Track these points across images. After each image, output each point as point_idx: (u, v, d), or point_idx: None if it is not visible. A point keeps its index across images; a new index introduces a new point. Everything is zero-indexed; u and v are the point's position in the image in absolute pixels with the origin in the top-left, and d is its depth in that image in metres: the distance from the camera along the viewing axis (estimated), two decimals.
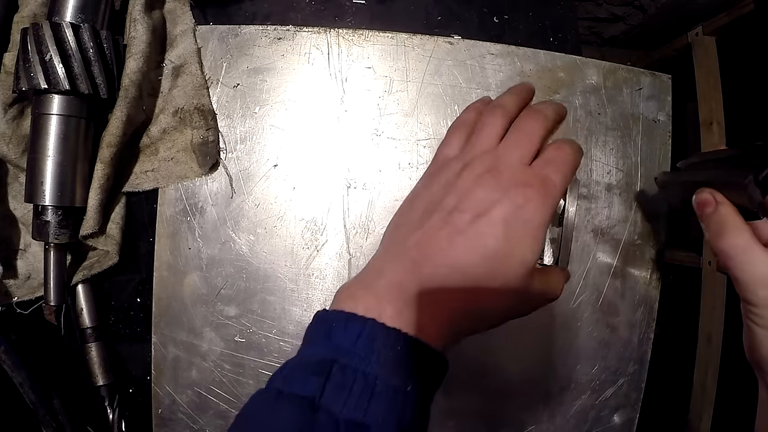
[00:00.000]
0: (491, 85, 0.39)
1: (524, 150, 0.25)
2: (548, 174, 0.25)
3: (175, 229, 0.37)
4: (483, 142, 0.26)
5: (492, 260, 0.23)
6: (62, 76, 0.31)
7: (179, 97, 0.36)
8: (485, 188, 0.24)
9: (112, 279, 0.39)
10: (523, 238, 0.23)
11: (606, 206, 0.40)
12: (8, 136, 0.34)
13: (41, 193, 0.32)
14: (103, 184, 0.34)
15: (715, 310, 0.46)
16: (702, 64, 0.48)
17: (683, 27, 0.57)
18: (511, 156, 0.25)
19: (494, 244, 0.23)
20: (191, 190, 0.37)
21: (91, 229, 0.34)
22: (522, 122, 0.27)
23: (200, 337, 0.37)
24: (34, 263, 0.37)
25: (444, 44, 0.39)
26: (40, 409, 0.34)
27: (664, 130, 0.42)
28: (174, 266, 0.37)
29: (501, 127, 0.27)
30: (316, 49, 0.38)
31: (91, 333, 0.37)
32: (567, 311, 0.40)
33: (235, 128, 0.37)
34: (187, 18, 0.37)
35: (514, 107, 0.28)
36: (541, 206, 0.24)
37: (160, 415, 0.37)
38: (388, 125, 0.38)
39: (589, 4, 0.77)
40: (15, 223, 0.37)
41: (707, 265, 0.43)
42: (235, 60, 0.38)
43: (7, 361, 0.33)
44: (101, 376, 0.37)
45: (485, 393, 0.38)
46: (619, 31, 0.90)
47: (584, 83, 0.40)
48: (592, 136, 0.40)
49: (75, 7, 0.33)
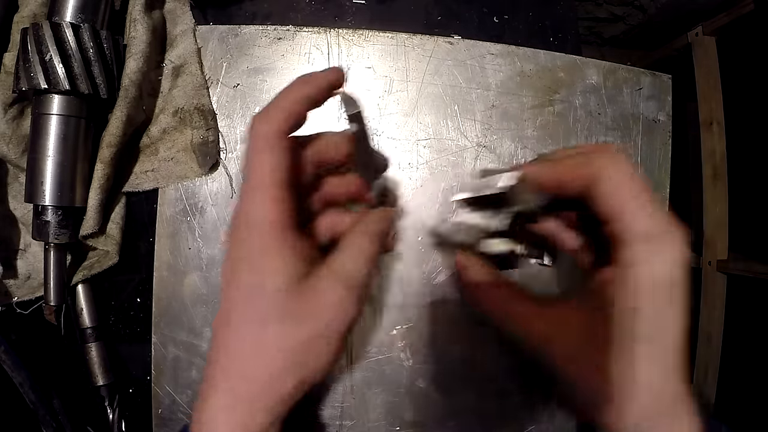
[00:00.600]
0: (491, 85, 0.39)
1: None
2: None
3: (175, 229, 0.37)
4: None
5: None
6: (62, 76, 0.31)
7: (179, 97, 0.36)
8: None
9: (112, 279, 0.39)
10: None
11: None
12: (8, 136, 0.34)
13: (41, 193, 0.32)
14: (103, 184, 0.34)
15: (715, 310, 0.46)
16: (702, 64, 0.48)
17: (683, 27, 0.57)
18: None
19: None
20: (191, 190, 0.37)
21: (91, 229, 0.34)
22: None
23: (200, 337, 0.37)
24: (34, 263, 0.37)
25: (444, 44, 0.39)
26: (40, 409, 0.34)
27: (664, 130, 0.42)
28: (174, 266, 0.37)
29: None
30: (316, 49, 0.38)
31: (91, 333, 0.37)
32: None
33: (235, 128, 0.37)
34: (187, 18, 0.37)
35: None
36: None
37: (160, 415, 0.37)
38: (388, 125, 0.38)
39: (589, 4, 0.77)
40: (15, 223, 0.37)
41: (707, 265, 0.43)
42: (235, 60, 0.38)
43: (7, 361, 0.33)
44: (101, 376, 0.37)
45: (485, 393, 0.38)
46: (619, 31, 0.90)
47: (584, 83, 0.40)
48: (592, 136, 0.40)
49: (75, 7, 0.33)
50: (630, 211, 0.22)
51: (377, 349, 0.37)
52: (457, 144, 0.39)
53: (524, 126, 0.39)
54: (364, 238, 0.25)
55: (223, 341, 0.23)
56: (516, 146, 0.39)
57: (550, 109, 0.40)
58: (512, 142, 0.39)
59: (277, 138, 0.23)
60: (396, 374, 0.37)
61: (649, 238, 0.22)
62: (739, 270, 0.87)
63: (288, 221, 0.23)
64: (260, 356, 0.22)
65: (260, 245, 0.22)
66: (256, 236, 0.22)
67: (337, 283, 0.23)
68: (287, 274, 0.22)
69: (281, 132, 0.23)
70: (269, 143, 0.23)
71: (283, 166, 0.23)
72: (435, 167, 0.39)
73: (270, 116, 0.23)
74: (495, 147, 0.39)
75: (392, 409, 0.37)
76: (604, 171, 0.22)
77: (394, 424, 0.37)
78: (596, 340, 0.23)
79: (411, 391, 0.37)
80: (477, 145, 0.39)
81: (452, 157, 0.39)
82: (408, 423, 0.37)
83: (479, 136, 0.39)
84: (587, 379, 0.23)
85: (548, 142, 0.40)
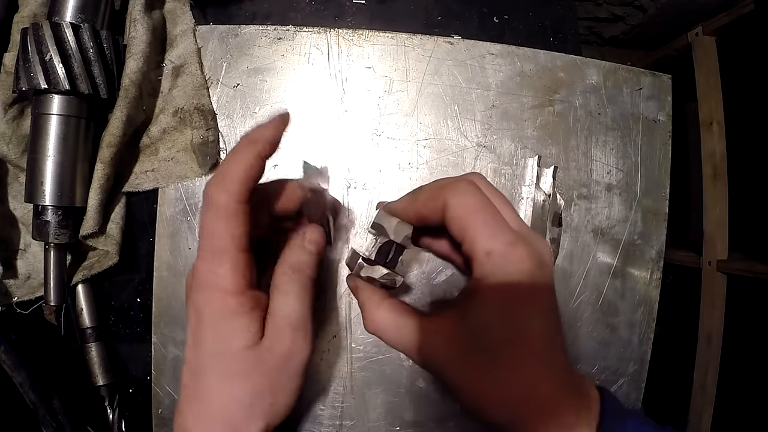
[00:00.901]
0: (491, 85, 0.39)
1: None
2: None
3: (175, 229, 0.37)
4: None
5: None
6: (62, 76, 0.31)
7: (179, 97, 0.36)
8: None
9: (112, 279, 0.39)
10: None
11: (606, 206, 0.40)
12: (8, 136, 0.34)
13: (41, 193, 0.32)
14: (103, 184, 0.34)
15: (715, 310, 0.46)
16: (702, 64, 0.48)
17: (683, 27, 0.57)
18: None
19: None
20: (191, 190, 0.37)
21: (91, 229, 0.34)
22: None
23: None
24: (34, 263, 0.37)
25: (444, 44, 0.39)
26: (40, 409, 0.34)
27: (664, 130, 0.42)
28: (174, 266, 0.37)
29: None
30: (316, 49, 0.38)
31: (91, 333, 0.37)
32: (567, 311, 0.40)
33: (235, 128, 0.37)
34: (187, 18, 0.37)
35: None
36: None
37: (160, 415, 0.37)
38: (388, 125, 0.38)
39: (589, 4, 0.77)
40: (15, 223, 0.37)
41: (707, 265, 0.43)
42: (235, 60, 0.38)
43: (7, 361, 0.33)
44: (101, 376, 0.37)
45: None
46: (619, 31, 0.90)
47: (584, 83, 0.40)
48: (592, 136, 0.40)
49: (75, 7, 0.33)
50: (472, 232, 0.24)
51: (377, 349, 0.37)
52: (457, 144, 0.39)
53: (524, 126, 0.39)
54: (289, 276, 0.27)
55: (195, 394, 0.26)
56: (516, 146, 0.39)
57: (550, 109, 0.40)
58: (512, 142, 0.39)
59: (237, 205, 0.24)
60: (396, 374, 0.37)
61: (491, 254, 0.23)
62: (739, 270, 0.87)
63: (245, 283, 0.25)
64: (231, 407, 0.25)
65: (221, 311, 0.25)
66: (218, 302, 0.25)
67: (284, 329, 0.26)
68: (247, 333, 0.25)
69: (240, 201, 0.24)
70: (228, 212, 0.24)
71: (243, 233, 0.24)
72: (435, 167, 0.39)
73: (227, 187, 0.24)
74: (495, 147, 0.39)
75: (392, 409, 0.37)
76: (450, 200, 0.24)
77: (394, 424, 0.37)
78: (467, 348, 0.24)
79: (411, 391, 0.37)
80: (477, 145, 0.39)
81: (452, 157, 0.39)
82: (408, 423, 0.37)
83: (479, 136, 0.39)
84: (465, 385, 0.24)
85: (548, 142, 0.40)
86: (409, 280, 0.38)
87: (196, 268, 0.25)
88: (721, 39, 0.93)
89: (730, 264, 0.89)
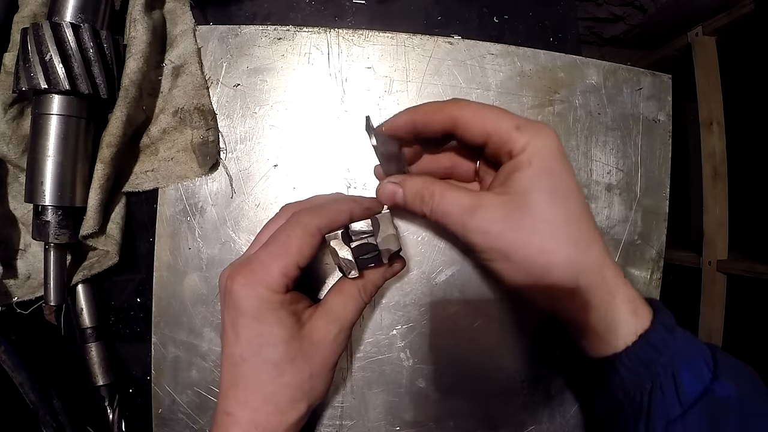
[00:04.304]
0: (491, 85, 0.39)
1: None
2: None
3: (175, 229, 0.37)
4: None
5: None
6: (62, 76, 0.31)
7: (179, 97, 0.36)
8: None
9: (112, 279, 0.39)
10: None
11: (606, 206, 0.40)
12: (8, 136, 0.34)
13: (41, 193, 0.32)
14: (103, 184, 0.34)
15: (715, 310, 0.46)
16: (702, 64, 0.48)
17: (683, 27, 0.57)
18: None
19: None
20: (191, 190, 0.37)
21: (91, 229, 0.34)
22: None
23: (200, 337, 0.37)
24: (34, 263, 0.37)
25: (444, 44, 0.39)
26: (40, 409, 0.34)
27: (664, 130, 0.42)
28: (174, 266, 0.37)
29: None
30: (316, 49, 0.38)
31: (91, 333, 0.37)
32: None
33: (235, 128, 0.37)
34: (187, 18, 0.37)
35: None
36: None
37: (160, 415, 0.37)
38: None
39: (589, 4, 0.77)
40: (15, 223, 0.37)
41: (707, 265, 0.43)
42: (235, 60, 0.38)
43: (7, 361, 0.33)
44: (101, 376, 0.37)
45: (485, 393, 0.38)
46: (619, 31, 0.90)
47: (584, 83, 0.40)
48: (592, 136, 0.40)
49: (75, 7, 0.33)
50: (493, 122, 0.27)
51: (377, 349, 0.37)
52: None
53: None
54: (359, 289, 0.30)
55: (237, 380, 0.27)
56: None
57: (550, 109, 0.40)
58: None
59: (317, 231, 0.28)
60: (396, 374, 0.37)
61: (520, 127, 0.27)
62: (739, 270, 0.87)
63: (291, 284, 0.28)
64: (277, 391, 0.27)
65: (267, 303, 0.27)
66: (263, 296, 0.27)
67: (332, 324, 0.29)
68: (290, 323, 0.27)
69: (322, 233, 0.28)
70: (309, 230, 0.28)
71: (310, 254, 0.28)
72: None
73: (322, 222, 0.28)
74: None
75: (392, 409, 0.37)
76: (458, 112, 0.28)
77: (394, 424, 0.37)
78: (527, 215, 0.27)
79: (411, 391, 0.38)
80: None
81: None
82: (408, 423, 0.37)
83: None
84: (514, 253, 0.27)
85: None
86: (411, 279, 0.38)
87: (248, 262, 0.27)
88: (721, 39, 0.93)
89: (730, 264, 0.89)
